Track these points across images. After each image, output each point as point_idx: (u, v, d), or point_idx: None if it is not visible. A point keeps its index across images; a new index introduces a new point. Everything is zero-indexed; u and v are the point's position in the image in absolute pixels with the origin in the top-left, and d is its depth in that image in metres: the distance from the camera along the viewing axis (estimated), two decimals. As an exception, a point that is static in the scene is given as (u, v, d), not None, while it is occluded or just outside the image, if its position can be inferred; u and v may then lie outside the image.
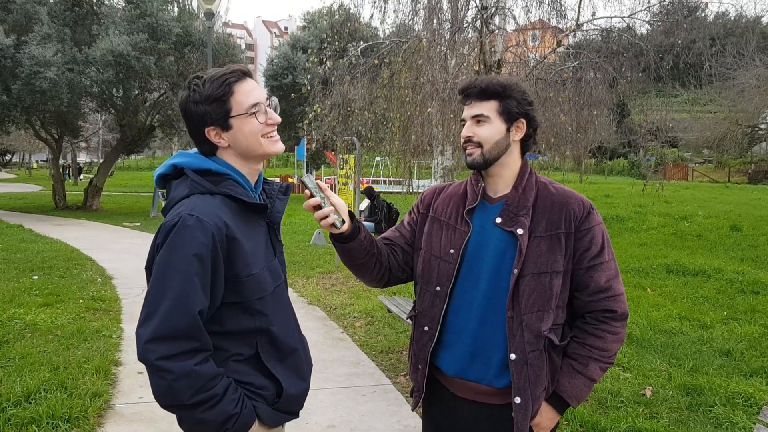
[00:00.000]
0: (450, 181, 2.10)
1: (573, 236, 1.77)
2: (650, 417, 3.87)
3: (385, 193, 17.35)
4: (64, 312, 6.03)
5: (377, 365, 4.84)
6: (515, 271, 1.73)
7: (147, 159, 58.72)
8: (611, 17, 8.74)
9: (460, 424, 1.86)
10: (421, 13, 7.93)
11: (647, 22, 8.91)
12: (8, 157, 57.99)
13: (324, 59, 9.69)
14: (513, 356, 1.73)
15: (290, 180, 26.37)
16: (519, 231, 1.75)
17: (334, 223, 1.71)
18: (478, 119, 1.81)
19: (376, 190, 13.09)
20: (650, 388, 4.33)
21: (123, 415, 3.79)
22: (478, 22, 7.38)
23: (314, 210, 1.69)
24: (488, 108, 1.80)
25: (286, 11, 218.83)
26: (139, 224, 14.80)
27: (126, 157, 39.42)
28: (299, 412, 1.75)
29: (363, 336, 5.61)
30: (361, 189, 9.59)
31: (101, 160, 28.37)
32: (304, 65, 20.12)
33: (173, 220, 1.48)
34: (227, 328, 1.56)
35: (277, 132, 1.66)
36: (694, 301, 7.10)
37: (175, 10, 17.12)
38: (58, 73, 14.13)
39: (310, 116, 8.57)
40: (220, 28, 19.12)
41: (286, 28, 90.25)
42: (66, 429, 3.51)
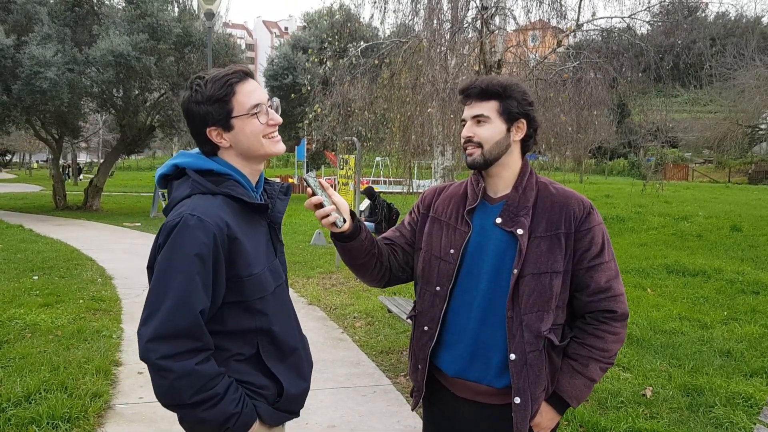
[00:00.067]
0: (450, 182, 2.10)
1: (573, 236, 1.77)
2: (650, 417, 3.87)
3: (385, 193, 17.35)
4: (65, 312, 6.03)
5: (377, 365, 4.84)
6: (515, 271, 1.73)
7: (147, 159, 58.76)
8: (611, 17, 8.73)
9: (461, 424, 1.86)
10: (422, 13, 7.94)
11: (647, 22, 8.92)
12: (8, 157, 58.01)
13: (324, 59, 9.70)
14: (513, 356, 1.73)
15: (290, 180, 26.36)
16: (519, 231, 1.75)
17: (335, 222, 1.71)
18: (479, 119, 1.81)
19: (376, 191, 13.09)
20: (650, 388, 4.33)
21: (123, 415, 3.79)
22: (479, 22, 7.38)
23: (315, 208, 1.70)
24: (488, 108, 1.80)
25: (287, 11, 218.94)
26: (139, 224, 14.79)
27: (126, 158, 39.49)
28: (300, 411, 1.75)
29: (363, 336, 5.61)
30: (361, 189, 9.59)
31: (101, 161, 28.37)
32: (304, 65, 20.12)
33: (175, 220, 1.49)
34: (228, 328, 1.57)
35: (278, 132, 1.66)
36: (694, 302, 7.10)
37: (176, 10, 17.12)
38: (59, 73, 14.13)
39: (310, 116, 8.57)
40: (221, 28, 19.13)
41: (286, 29, 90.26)
42: (66, 429, 3.51)
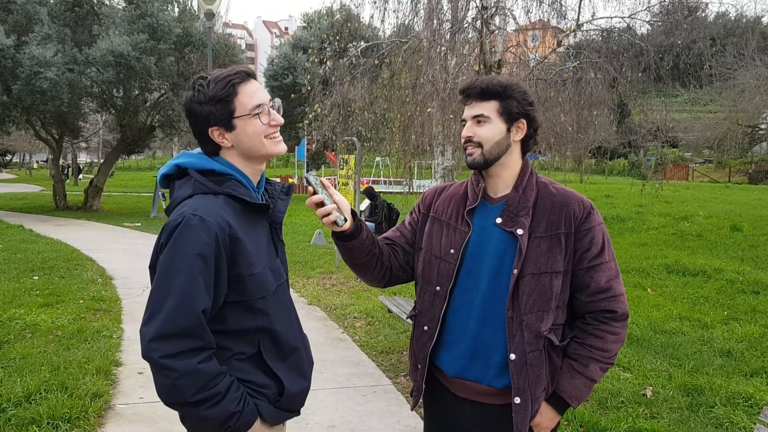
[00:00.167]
0: (451, 182, 2.10)
1: (573, 236, 1.77)
2: (651, 417, 3.87)
3: (385, 193, 17.36)
4: (65, 312, 6.03)
5: (377, 365, 4.84)
6: (515, 271, 1.73)
7: (147, 159, 58.76)
8: (611, 17, 8.72)
9: (461, 424, 1.86)
10: (422, 13, 7.94)
11: (647, 22, 8.91)
12: (8, 157, 58.01)
13: (324, 59, 9.69)
14: (513, 356, 1.73)
15: (290, 180, 26.37)
16: (519, 231, 1.76)
17: (336, 221, 1.71)
18: (479, 119, 1.81)
19: (376, 191, 13.09)
20: (650, 388, 4.33)
21: (123, 415, 3.79)
22: (479, 22, 7.38)
23: (316, 207, 1.70)
24: (489, 108, 1.80)
25: (287, 11, 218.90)
26: (139, 224, 14.79)
27: (126, 158, 39.51)
28: (300, 409, 1.76)
29: (363, 336, 5.61)
30: (361, 189, 9.59)
31: (101, 161, 28.37)
32: (304, 65, 20.12)
33: (177, 220, 1.50)
34: (230, 327, 1.58)
35: (279, 133, 1.67)
36: (694, 302, 7.10)
37: (176, 10, 17.12)
38: (59, 73, 14.14)
39: (310, 116, 8.56)
40: (221, 28, 19.13)
41: (286, 29, 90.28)
42: (66, 429, 3.51)
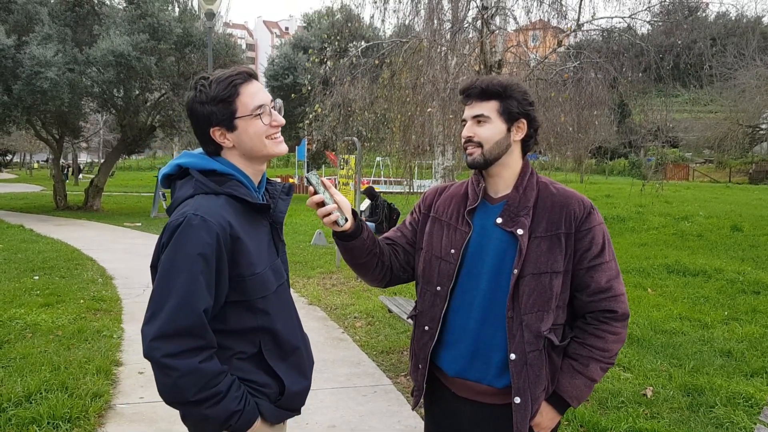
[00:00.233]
0: (451, 182, 2.10)
1: (573, 236, 1.77)
2: (651, 417, 3.87)
3: (385, 193, 17.36)
4: (65, 312, 6.04)
5: (378, 365, 4.84)
6: (515, 271, 1.73)
7: (148, 159, 58.75)
8: (612, 17, 8.72)
9: (461, 424, 1.86)
10: (422, 13, 7.94)
11: (648, 22, 8.91)
12: (9, 157, 58.02)
13: (325, 59, 9.69)
14: (513, 356, 1.73)
15: (291, 180, 26.37)
16: (519, 231, 1.76)
17: (337, 221, 1.72)
18: (479, 119, 1.81)
19: (376, 191, 13.09)
20: (651, 388, 4.33)
21: (124, 415, 3.80)
22: (479, 22, 7.38)
23: (317, 207, 1.71)
24: (489, 108, 1.80)
25: (287, 11, 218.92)
26: (140, 224, 14.80)
27: (127, 158, 39.48)
28: (301, 408, 1.77)
29: (363, 336, 5.61)
30: (361, 189, 9.59)
31: (102, 161, 28.38)
32: (304, 65, 20.12)
33: (178, 220, 1.50)
34: (231, 327, 1.59)
35: (280, 133, 1.68)
36: (694, 302, 7.10)
37: (176, 10, 17.12)
38: (59, 73, 14.14)
39: (310, 116, 8.55)
40: (221, 28, 19.15)
41: (286, 28, 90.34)
42: (67, 429, 3.51)
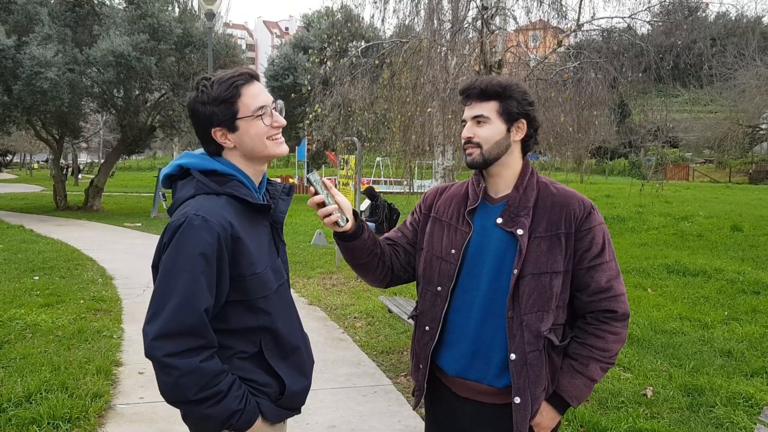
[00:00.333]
0: (452, 182, 2.10)
1: (573, 236, 1.77)
2: (651, 417, 3.87)
3: (385, 193, 17.37)
4: (65, 312, 6.03)
5: (378, 365, 4.84)
6: (515, 271, 1.74)
7: (148, 159, 58.75)
8: (612, 17, 8.73)
9: (462, 424, 1.87)
10: (422, 13, 7.94)
11: (648, 22, 8.90)
12: (9, 157, 58.01)
13: (325, 59, 9.69)
14: (513, 356, 1.74)
15: (291, 180, 26.37)
16: (519, 231, 1.76)
17: (338, 221, 1.72)
18: (479, 120, 1.82)
19: (376, 191, 13.09)
20: (651, 388, 4.33)
21: (124, 415, 3.80)
22: (479, 22, 7.38)
23: (318, 207, 1.71)
24: (488, 109, 1.80)
25: (287, 11, 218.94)
26: (140, 224, 14.80)
27: (127, 158, 39.51)
28: (301, 408, 1.78)
29: (364, 336, 5.61)
30: (361, 189, 9.59)
31: (102, 161, 28.38)
32: (304, 65, 20.12)
33: (179, 220, 1.51)
34: (232, 326, 1.59)
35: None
36: (694, 302, 7.10)
37: (176, 10, 17.12)
38: (59, 73, 14.14)
39: (310, 116, 8.56)
40: (221, 28, 19.15)
41: (286, 29, 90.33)
42: (67, 429, 3.51)
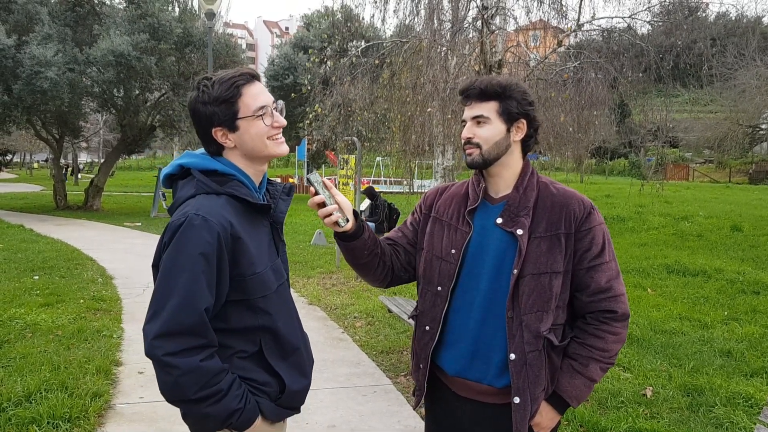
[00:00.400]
0: (452, 182, 2.10)
1: (573, 236, 1.77)
2: (651, 417, 3.87)
3: (385, 193, 17.37)
4: (65, 312, 6.03)
5: (377, 365, 4.84)
6: (515, 271, 1.74)
7: (148, 159, 58.75)
8: (612, 17, 8.71)
9: (462, 423, 1.87)
10: (422, 13, 7.93)
11: (648, 22, 8.90)
12: (9, 157, 57.97)
13: (325, 59, 9.69)
14: (512, 356, 1.74)
15: (291, 180, 26.36)
16: (519, 231, 1.76)
17: (338, 221, 1.72)
18: (478, 120, 1.82)
19: (376, 190, 13.09)
20: (651, 388, 4.33)
21: (123, 415, 3.80)
22: (479, 22, 7.37)
23: (318, 207, 1.71)
24: (488, 109, 1.81)
25: (287, 11, 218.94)
26: (140, 224, 14.80)
27: (127, 157, 39.45)
28: (300, 407, 1.78)
29: (363, 336, 5.61)
30: (361, 189, 9.58)
31: (102, 160, 28.37)
32: (305, 65, 20.12)
33: (180, 220, 1.52)
34: (232, 326, 1.60)
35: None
36: (694, 302, 7.10)
37: (177, 10, 17.12)
38: (59, 73, 14.14)
39: (310, 116, 8.55)
40: (221, 28, 19.13)
41: (287, 28, 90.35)
42: (67, 429, 3.51)
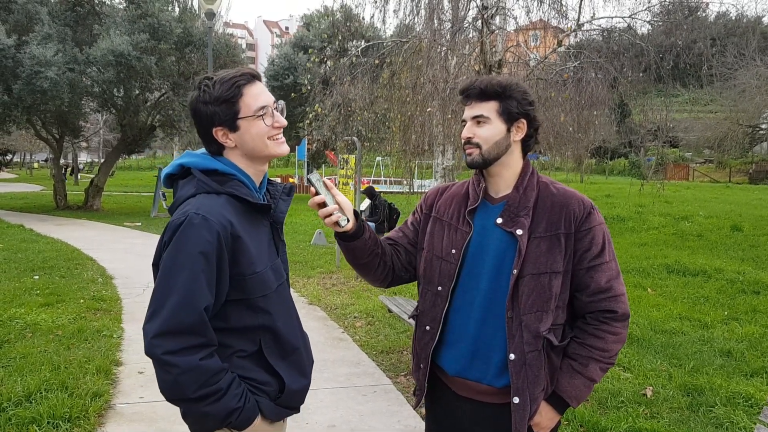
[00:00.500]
0: (453, 182, 2.10)
1: (573, 236, 1.77)
2: (651, 417, 3.87)
3: (385, 193, 17.36)
4: (65, 312, 6.03)
5: (377, 365, 4.84)
6: (515, 271, 1.74)
7: (148, 159, 58.76)
8: (612, 17, 8.72)
9: (461, 423, 1.87)
10: (422, 13, 7.93)
11: (648, 22, 8.90)
12: (9, 156, 57.95)
13: (324, 59, 9.69)
14: (512, 356, 1.74)
15: (291, 180, 26.36)
16: (518, 231, 1.76)
17: (339, 221, 1.73)
18: (479, 120, 1.82)
19: (376, 190, 13.08)
20: (651, 388, 4.33)
21: (123, 414, 3.80)
22: (479, 22, 7.37)
23: (319, 207, 1.71)
24: (488, 109, 1.80)
25: (287, 11, 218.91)
26: (140, 224, 14.80)
27: (127, 157, 39.46)
28: (300, 407, 1.78)
29: (363, 336, 5.61)
30: (361, 189, 9.58)
31: (102, 160, 28.37)
32: (305, 65, 20.12)
33: (180, 219, 1.52)
34: (232, 325, 1.60)
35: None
36: (694, 301, 7.10)
37: (177, 10, 17.12)
38: (59, 72, 14.14)
39: (310, 116, 8.55)
40: (221, 28, 19.12)
41: (287, 28, 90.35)
42: (67, 429, 3.51)
